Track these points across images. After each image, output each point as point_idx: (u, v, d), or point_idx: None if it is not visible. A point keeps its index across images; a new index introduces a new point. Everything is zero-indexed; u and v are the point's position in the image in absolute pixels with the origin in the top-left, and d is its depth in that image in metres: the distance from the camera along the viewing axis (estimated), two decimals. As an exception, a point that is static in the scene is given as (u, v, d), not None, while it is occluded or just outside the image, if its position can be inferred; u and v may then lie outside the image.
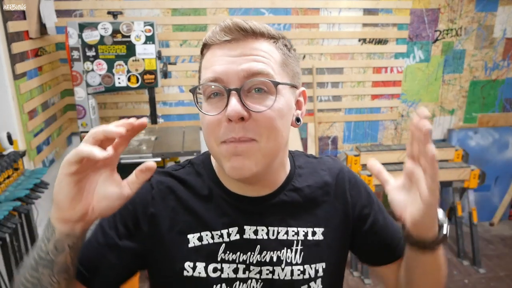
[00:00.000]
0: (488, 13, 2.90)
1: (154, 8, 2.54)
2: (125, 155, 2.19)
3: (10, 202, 1.62)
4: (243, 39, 0.65)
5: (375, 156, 2.76)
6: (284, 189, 0.76)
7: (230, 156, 0.64)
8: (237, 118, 0.62)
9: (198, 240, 0.72)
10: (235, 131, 0.63)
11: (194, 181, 0.76)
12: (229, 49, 0.64)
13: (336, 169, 0.82)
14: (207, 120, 0.66)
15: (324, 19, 2.73)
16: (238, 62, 0.63)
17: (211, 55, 0.66)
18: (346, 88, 2.90)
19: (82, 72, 2.11)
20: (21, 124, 1.95)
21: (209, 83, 0.64)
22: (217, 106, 0.64)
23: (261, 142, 0.64)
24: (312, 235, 0.76)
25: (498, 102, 3.15)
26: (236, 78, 0.63)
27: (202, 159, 0.80)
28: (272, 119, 0.64)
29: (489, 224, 3.23)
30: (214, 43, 0.66)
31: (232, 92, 0.62)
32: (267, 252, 0.73)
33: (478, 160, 3.10)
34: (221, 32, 0.65)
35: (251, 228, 0.73)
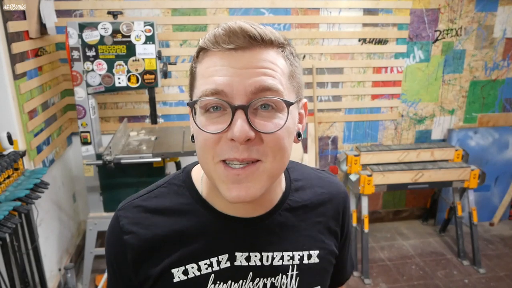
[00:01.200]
0: (488, 13, 2.90)
1: (154, 8, 2.54)
2: (125, 155, 2.19)
3: (10, 202, 1.62)
4: (250, 48, 0.56)
5: (375, 156, 2.76)
6: (279, 208, 0.70)
7: (229, 183, 0.58)
8: (244, 140, 0.55)
9: (184, 274, 0.67)
10: (238, 152, 0.56)
11: (172, 203, 0.69)
12: (234, 59, 0.56)
13: (336, 188, 0.78)
14: (204, 136, 0.58)
15: (324, 19, 2.73)
16: (244, 75, 0.55)
17: (211, 63, 0.58)
18: (346, 88, 2.90)
19: (82, 72, 2.11)
20: (21, 124, 1.95)
21: (210, 97, 0.56)
22: (217, 122, 0.57)
23: (266, 162, 0.58)
24: (307, 259, 0.72)
25: (498, 102, 3.15)
26: (242, 93, 0.55)
27: (182, 178, 0.72)
28: (280, 139, 0.58)
29: (489, 224, 3.23)
30: (216, 49, 0.57)
31: (238, 110, 0.55)
32: (261, 279, 0.68)
33: (478, 160, 3.10)
34: (224, 37, 0.56)
35: (242, 255, 0.68)
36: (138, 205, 0.70)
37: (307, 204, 0.74)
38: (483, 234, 3.11)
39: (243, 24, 0.56)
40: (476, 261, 2.70)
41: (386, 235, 3.09)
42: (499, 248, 2.94)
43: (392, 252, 2.87)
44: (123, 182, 2.31)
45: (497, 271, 2.67)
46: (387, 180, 2.61)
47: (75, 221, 2.78)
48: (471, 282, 2.56)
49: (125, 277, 0.71)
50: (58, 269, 2.37)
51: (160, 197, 0.70)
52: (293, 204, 0.72)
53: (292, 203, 0.72)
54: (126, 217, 0.69)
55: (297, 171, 0.78)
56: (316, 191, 0.76)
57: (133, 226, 0.68)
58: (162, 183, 0.72)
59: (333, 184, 0.79)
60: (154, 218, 0.68)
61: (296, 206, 0.72)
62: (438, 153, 2.83)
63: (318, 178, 0.78)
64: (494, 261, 2.77)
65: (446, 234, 3.10)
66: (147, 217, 0.68)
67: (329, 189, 0.77)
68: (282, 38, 0.61)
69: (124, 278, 0.71)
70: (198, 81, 0.60)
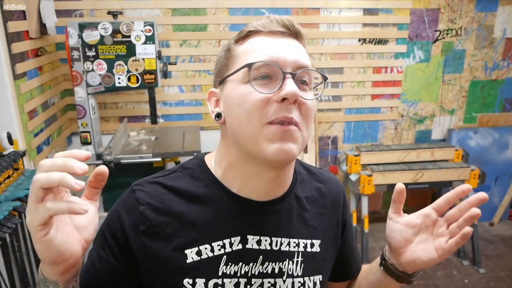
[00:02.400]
0: (488, 13, 2.90)
1: (154, 8, 2.54)
2: (125, 155, 2.19)
3: (10, 202, 1.62)
4: (293, 37, 0.68)
5: (375, 156, 2.76)
6: (288, 195, 0.74)
7: (276, 139, 0.62)
8: (295, 98, 0.62)
9: (197, 254, 0.68)
10: (289, 111, 0.63)
11: (188, 186, 0.71)
12: (283, 40, 0.67)
13: (333, 182, 0.83)
14: (254, 98, 0.63)
15: (324, 19, 2.73)
16: (292, 53, 0.65)
17: (261, 41, 0.67)
18: (346, 88, 2.90)
19: (82, 72, 2.11)
20: (21, 124, 1.95)
21: (269, 62, 0.64)
22: (266, 86, 0.64)
23: (302, 131, 0.65)
24: (310, 247, 0.75)
25: (498, 102, 3.15)
26: (291, 64, 0.64)
27: (196, 163, 0.75)
28: (312, 110, 0.66)
29: (489, 224, 3.23)
30: (266, 30, 0.67)
31: (287, 75, 0.64)
32: (269, 264, 0.71)
33: (478, 160, 3.10)
34: (274, 22, 0.67)
35: (254, 238, 0.70)
36: (155, 182, 0.72)
37: (309, 196, 0.78)
38: (483, 234, 3.11)
39: (287, 17, 0.68)
40: (476, 261, 2.70)
41: (386, 235, 3.09)
42: (499, 248, 2.94)
43: (392, 252, 2.87)
44: (123, 182, 2.29)
45: (497, 271, 2.67)
46: (387, 180, 2.61)
47: (75, 221, 2.78)
48: (471, 282, 2.56)
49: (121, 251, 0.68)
50: (58, 269, 2.36)
51: (176, 180, 0.72)
52: (298, 194, 0.76)
53: (298, 193, 0.76)
54: (143, 190, 0.70)
55: (300, 165, 0.83)
56: (315, 185, 0.80)
57: (150, 198, 0.69)
58: (177, 168, 0.75)
59: (330, 179, 0.84)
60: (171, 196, 0.70)
61: (301, 196, 0.76)
62: (438, 153, 2.83)
63: (317, 174, 0.83)
64: (494, 261, 2.77)
65: (446, 234, 3.10)
66: (164, 193, 0.70)
67: (326, 183, 0.82)
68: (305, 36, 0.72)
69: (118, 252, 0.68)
70: (245, 56, 0.66)
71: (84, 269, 0.71)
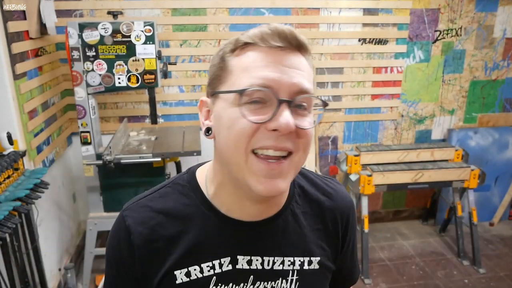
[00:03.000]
0: (488, 13, 2.90)
1: (154, 8, 2.54)
2: (125, 155, 2.19)
3: (10, 202, 1.62)
4: (294, 51, 0.61)
5: (375, 156, 2.76)
6: (282, 213, 0.71)
7: (261, 176, 0.60)
8: (289, 131, 0.58)
9: (186, 276, 0.68)
10: (277, 141, 0.59)
11: (177, 206, 0.70)
12: (282, 57, 0.60)
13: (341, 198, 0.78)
14: (242, 125, 0.59)
15: (324, 19, 2.73)
16: (291, 74, 0.59)
17: (257, 58, 0.60)
18: (346, 88, 2.90)
19: (82, 72, 2.11)
20: (21, 124, 1.95)
21: (261, 88, 0.58)
22: (258, 113, 0.59)
23: (296, 156, 0.61)
24: (308, 264, 0.73)
25: (498, 102, 3.15)
26: (287, 90, 0.59)
27: (187, 179, 0.73)
28: (311, 136, 0.62)
29: (489, 224, 3.23)
30: (264, 45, 0.60)
31: (284, 103, 0.58)
32: (261, 283, 0.70)
33: (478, 160, 3.10)
34: (274, 36, 0.60)
35: (244, 258, 0.69)
36: (144, 205, 0.70)
37: (307, 211, 0.74)
38: (483, 234, 3.11)
39: (289, 27, 0.61)
40: (476, 261, 2.70)
41: (386, 235, 3.09)
42: (499, 248, 2.95)
43: (392, 252, 2.87)
44: (123, 182, 2.31)
45: (497, 271, 2.67)
46: (387, 180, 2.61)
47: (75, 221, 2.78)
48: (471, 282, 2.56)
49: (132, 279, 0.70)
50: (58, 269, 2.37)
51: (165, 197, 0.71)
52: (295, 210, 0.73)
53: (295, 208, 0.73)
54: (132, 216, 0.69)
55: (303, 176, 0.78)
56: (319, 198, 0.76)
57: (139, 226, 0.68)
58: (167, 183, 0.73)
59: (338, 194, 0.79)
60: (160, 218, 0.69)
61: (298, 212, 0.73)
62: (438, 153, 2.83)
63: (323, 186, 0.78)
64: (494, 261, 2.77)
65: (446, 234, 3.10)
66: (152, 217, 0.69)
67: (332, 197, 0.77)
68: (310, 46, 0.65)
69: (131, 280, 0.70)
70: (238, 74, 0.61)
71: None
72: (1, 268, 1.71)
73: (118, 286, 0.73)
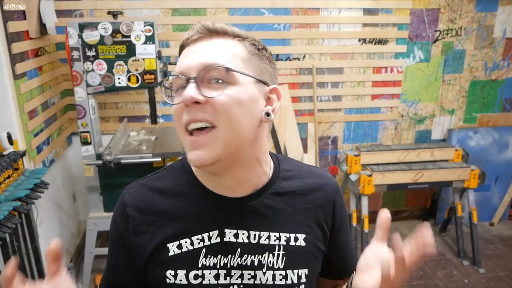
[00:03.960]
0: (488, 13, 2.90)
1: (154, 8, 2.54)
2: (125, 155, 2.19)
3: (10, 202, 1.62)
4: (208, 38, 0.69)
5: (375, 156, 2.76)
6: (265, 192, 0.76)
7: (191, 147, 0.67)
8: (191, 101, 0.64)
9: (178, 248, 0.73)
10: (191, 114, 0.65)
11: (170, 184, 0.77)
12: (196, 46, 0.69)
13: (326, 180, 0.83)
14: (173, 110, 0.69)
15: (324, 19, 2.73)
16: (198, 57, 0.67)
17: (181, 54, 0.71)
18: (346, 88, 2.90)
19: (82, 72, 2.11)
20: (21, 124, 1.95)
21: (174, 74, 0.68)
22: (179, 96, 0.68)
23: (219, 128, 0.65)
24: (294, 241, 0.76)
25: (498, 102, 3.15)
26: (194, 69, 0.66)
27: (181, 162, 0.81)
28: (227, 104, 0.65)
29: (489, 224, 3.23)
30: (185, 43, 0.71)
31: (190, 80, 0.66)
32: (248, 256, 0.74)
33: (478, 160, 3.10)
34: (190, 32, 0.70)
35: (231, 232, 0.74)
36: (142, 184, 0.79)
37: (295, 191, 0.79)
38: (483, 234, 3.11)
39: (204, 21, 0.70)
40: (476, 261, 2.70)
41: (386, 235, 3.09)
42: (499, 248, 2.95)
43: (392, 252, 2.87)
44: (123, 182, 2.28)
45: (497, 271, 2.67)
46: (387, 180, 2.61)
47: (75, 221, 2.78)
48: (471, 282, 2.56)
49: (125, 250, 0.77)
50: (58, 269, 2.36)
51: (161, 179, 0.79)
52: (280, 190, 0.77)
53: (279, 188, 0.78)
54: (130, 193, 0.78)
55: (288, 163, 0.84)
56: (305, 181, 0.81)
57: (135, 200, 0.77)
58: (164, 168, 0.83)
59: (323, 176, 0.84)
60: (154, 196, 0.76)
61: (283, 191, 0.78)
62: (438, 153, 2.83)
63: (308, 171, 0.84)
64: (494, 261, 2.77)
65: (446, 234, 3.10)
66: (148, 193, 0.77)
67: (318, 179, 0.82)
68: (242, 33, 0.72)
69: (124, 252, 0.77)
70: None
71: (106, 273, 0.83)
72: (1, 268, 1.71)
73: (114, 258, 0.80)
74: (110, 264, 0.82)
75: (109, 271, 0.82)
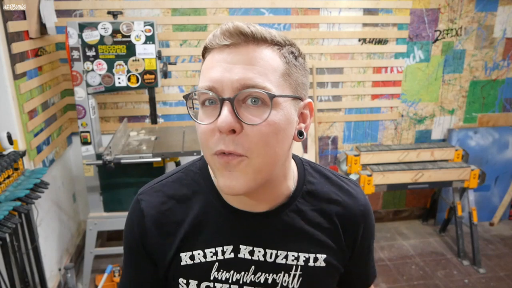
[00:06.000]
0: (488, 13, 2.90)
1: (154, 8, 2.54)
2: (125, 155, 2.19)
3: (10, 202, 1.62)
4: (244, 45, 0.60)
5: (375, 156, 2.76)
6: (286, 208, 0.71)
7: (222, 170, 0.61)
8: (227, 130, 0.57)
9: (190, 259, 0.71)
10: (225, 143, 0.59)
11: (187, 192, 0.73)
12: (227, 55, 0.59)
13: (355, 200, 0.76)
14: (200, 129, 0.62)
15: (324, 19, 2.73)
16: (234, 71, 0.58)
17: (210, 60, 0.62)
18: (346, 88, 2.90)
19: (82, 72, 2.11)
20: (21, 124, 1.95)
21: (203, 90, 0.60)
22: (211, 115, 0.60)
23: (252, 158, 0.59)
24: (314, 261, 0.72)
25: (498, 102, 3.15)
26: (230, 87, 0.58)
27: (199, 166, 0.75)
28: (265, 134, 0.59)
29: (489, 224, 3.23)
30: (213, 47, 0.62)
31: (225, 101, 0.58)
32: (262, 274, 0.71)
33: (478, 160, 3.10)
34: (221, 35, 0.60)
35: (246, 248, 0.70)
36: (157, 190, 0.74)
37: (318, 209, 0.73)
38: (483, 234, 3.11)
39: (238, 23, 0.60)
40: (476, 261, 2.70)
41: (386, 235, 3.09)
42: (499, 248, 2.94)
43: (392, 252, 2.87)
44: (123, 182, 2.31)
45: (497, 271, 2.67)
46: (387, 180, 2.61)
47: (75, 221, 2.78)
48: (471, 282, 2.56)
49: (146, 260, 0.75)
50: (58, 269, 2.36)
51: (177, 183, 0.74)
52: (302, 207, 0.72)
53: (301, 205, 0.72)
54: (146, 200, 0.74)
55: (315, 173, 0.77)
56: (330, 197, 0.75)
57: (152, 209, 0.73)
58: (181, 169, 0.77)
59: (352, 195, 0.77)
60: (171, 204, 0.73)
61: (305, 209, 0.72)
62: (438, 153, 2.83)
63: (337, 185, 0.77)
64: (494, 261, 2.77)
65: (446, 234, 3.10)
66: (164, 202, 0.73)
67: (345, 198, 0.76)
68: (281, 37, 0.63)
69: (145, 261, 0.75)
70: (200, 77, 0.63)
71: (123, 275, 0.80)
72: (1, 268, 1.71)
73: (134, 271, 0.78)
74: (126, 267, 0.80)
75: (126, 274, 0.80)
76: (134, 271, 0.78)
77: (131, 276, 0.79)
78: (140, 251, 0.74)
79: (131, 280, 0.79)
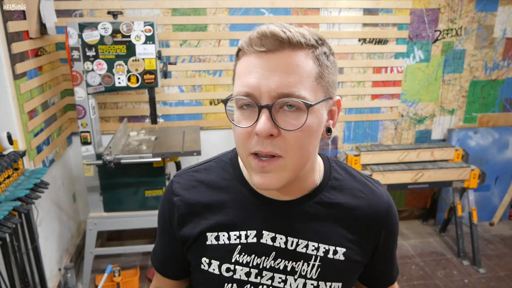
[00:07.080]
0: (488, 13, 2.90)
1: (154, 8, 2.54)
2: (125, 155, 2.19)
3: (10, 202, 1.62)
4: (280, 50, 0.62)
5: (375, 156, 2.76)
6: (311, 199, 0.75)
7: (258, 171, 0.66)
8: (266, 135, 0.62)
9: (215, 239, 0.75)
10: (263, 145, 0.63)
11: (217, 178, 0.79)
12: (264, 61, 0.62)
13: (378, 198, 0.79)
14: (238, 131, 0.66)
15: (324, 19, 2.73)
16: (271, 79, 0.61)
17: (245, 64, 0.64)
18: (346, 88, 2.90)
19: (82, 72, 2.11)
20: (21, 124, 1.95)
21: (241, 97, 0.63)
22: (249, 118, 0.64)
23: (286, 158, 0.64)
24: (333, 254, 0.74)
25: (498, 102, 3.15)
26: (267, 95, 0.61)
27: (230, 156, 0.82)
28: (300, 138, 0.64)
29: (489, 224, 3.23)
30: (248, 50, 0.64)
31: (263, 109, 0.62)
32: (282, 260, 0.74)
33: (478, 160, 3.10)
34: (257, 40, 0.62)
35: (269, 234, 0.74)
36: (190, 175, 0.81)
37: (342, 203, 0.76)
38: (483, 234, 3.11)
39: (273, 28, 0.62)
40: (476, 261, 2.70)
41: (386, 235, 3.09)
42: (499, 248, 2.95)
43: (392, 252, 2.87)
44: (123, 182, 2.31)
45: (497, 271, 2.67)
46: (387, 180, 2.61)
47: (75, 221, 2.78)
48: (471, 282, 2.56)
49: (171, 234, 0.81)
50: (58, 269, 2.37)
51: (209, 170, 0.81)
52: (326, 200, 0.76)
53: (326, 198, 0.76)
54: (179, 182, 0.81)
55: (341, 170, 0.81)
56: (354, 195, 0.78)
57: (182, 190, 0.79)
58: (214, 158, 0.84)
59: (376, 193, 0.79)
60: (201, 188, 0.79)
61: (329, 202, 0.76)
62: (438, 153, 2.83)
63: (362, 183, 0.80)
64: (494, 261, 2.77)
65: (446, 234, 3.10)
66: (195, 185, 0.79)
67: (370, 195, 0.78)
68: (314, 39, 0.64)
69: (171, 235, 0.82)
70: (236, 80, 0.67)
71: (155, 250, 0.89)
72: (1, 268, 1.71)
73: (162, 241, 0.86)
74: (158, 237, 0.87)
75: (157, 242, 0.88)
76: (162, 242, 0.86)
77: (160, 245, 0.87)
78: (168, 226, 0.81)
79: (161, 249, 0.87)
